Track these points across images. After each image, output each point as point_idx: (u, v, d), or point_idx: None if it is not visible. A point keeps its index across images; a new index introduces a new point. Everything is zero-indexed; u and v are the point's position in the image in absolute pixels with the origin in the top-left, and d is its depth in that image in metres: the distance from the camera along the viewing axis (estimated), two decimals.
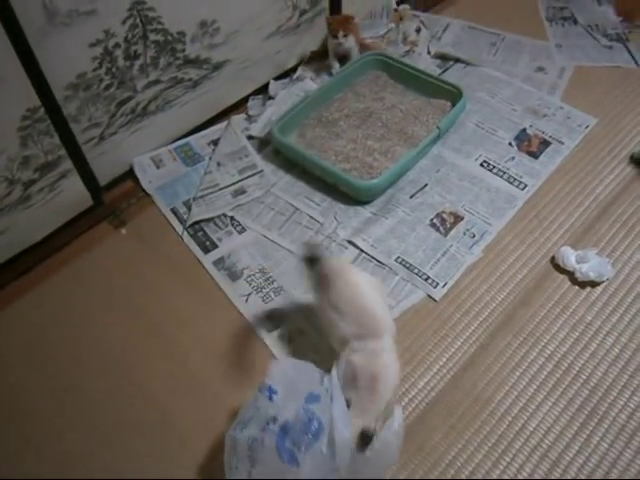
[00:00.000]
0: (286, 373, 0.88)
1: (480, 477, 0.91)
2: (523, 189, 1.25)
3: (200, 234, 1.22)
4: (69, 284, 1.17)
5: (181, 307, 1.12)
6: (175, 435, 0.97)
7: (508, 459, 0.93)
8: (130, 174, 1.31)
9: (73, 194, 1.20)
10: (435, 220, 1.21)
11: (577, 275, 1.11)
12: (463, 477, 0.91)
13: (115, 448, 0.96)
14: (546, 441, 0.94)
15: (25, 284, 1.17)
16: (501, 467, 0.92)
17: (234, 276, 1.15)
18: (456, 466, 0.92)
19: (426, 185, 1.27)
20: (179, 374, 1.04)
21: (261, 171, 1.31)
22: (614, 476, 0.90)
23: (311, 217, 1.23)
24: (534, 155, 1.31)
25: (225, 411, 0.98)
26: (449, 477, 0.91)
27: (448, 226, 1.20)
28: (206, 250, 1.19)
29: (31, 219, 1.15)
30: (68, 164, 1.16)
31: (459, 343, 1.06)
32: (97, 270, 1.18)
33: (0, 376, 1.05)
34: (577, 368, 1.02)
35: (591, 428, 0.95)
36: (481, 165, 1.30)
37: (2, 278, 1.16)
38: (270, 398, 0.85)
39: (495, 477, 0.91)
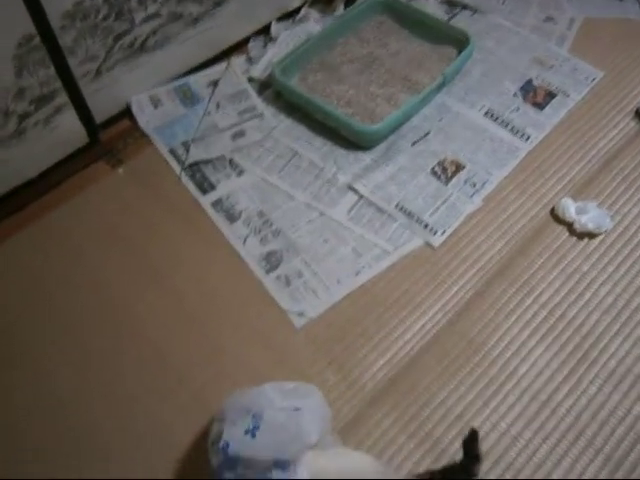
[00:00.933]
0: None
1: (470, 416, 0.93)
2: (526, 140, 1.24)
3: (198, 175, 1.20)
4: (65, 222, 1.15)
5: (178, 247, 1.12)
6: (171, 372, 0.98)
7: (499, 400, 0.95)
8: (127, 113, 1.28)
9: (69, 130, 1.18)
10: (436, 168, 1.20)
11: (576, 226, 1.11)
12: (452, 417, 0.93)
13: (110, 384, 0.97)
14: (536, 384, 0.96)
15: (20, 221, 1.15)
16: (491, 407, 0.94)
17: (232, 218, 1.14)
18: (447, 406, 0.94)
19: (428, 133, 1.25)
20: (175, 313, 1.04)
21: (261, 114, 1.29)
22: (602, 416, 0.93)
23: (311, 161, 1.22)
24: (539, 106, 1.29)
25: (219, 351, 0.99)
26: (439, 416, 0.93)
27: (449, 175, 1.19)
28: (204, 191, 1.18)
29: (26, 154, 1.13)
30: (64, 98, 1.13)
31: (455, 289, 1.07)
32: (93, 209, 1.17)
33: None
34: (570, 316, 1.03)
35: (581, 372, 0.97)
36: (485, 115, 1.28)
37: None
38: (252, 433, 0.78)
39: (485, 417, 0.93)
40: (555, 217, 1.15)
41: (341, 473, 0.80)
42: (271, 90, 1.33)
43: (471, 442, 0.85)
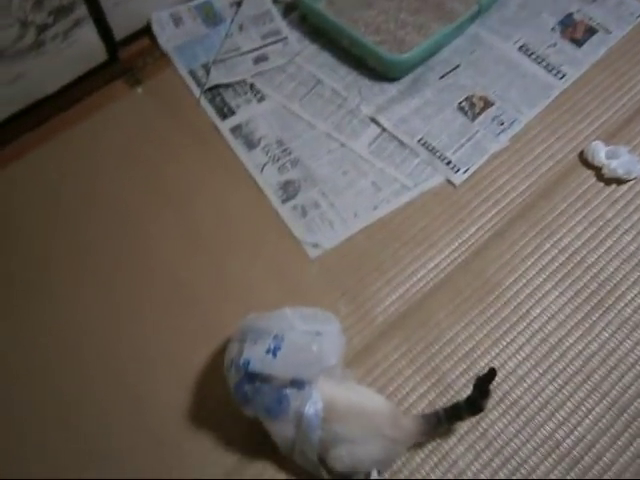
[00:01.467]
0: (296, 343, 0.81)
1: (478, 354, 0.94)
2: (561, 78, 1.18)
3: (218, 99, 1.17)
4: (84, 140, 1.14)
5: (195, 171, 1.11)
6: (182, 293, 0.99)
7: (508, 340, 0.95)
8: (147, 31, 1.24)
9: (87, 45, 1.14)
10: (464, 104, 1.15)
11: (604, 171, 1.07)
12: (461, 354, 0.94)
13: (119, 301, 0.99)
14: (548, 327, 0.96)
15: (40, 136, 1.15)
16: (500, 346, 0.94)
17: (251, 145, 1.12)
18: (456, 342, 0.95)
19: (458, 66, 1.19)
20: (189, 237, 1.04)
21: (285, 38, 1.24)
22: (611, 362, 0.93)
23: (334, 90, 1.18)
24: (577, 43, 1.22)
25: (232, 276, 1.00)
26: (447, 352, 0.94)
27: (477, 111, 1.14)
28: (223, 116, 1.15)
29: (45, 68, 1.11)
30: (83, 10, 1.09)
31: (474, 229, 1.05)
32: (112, 127, 1.16)
33: (13, 227, 1.07)
34: (589, 262, 1.01)
35: (594, 318, 0.96)
36: (519, 49, 1.21)
37: (16, 128, 1.13)
38: (273, 353, 0.79)
39: (493, 355, 0.94)
40: (583, 161, 1.10)
41: (351, 407, 0.82)
42: (296, 13, 1.27)
43: (487, 380, 0.85)
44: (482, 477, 0.85)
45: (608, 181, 1.08)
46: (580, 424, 0.89)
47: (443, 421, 0.85)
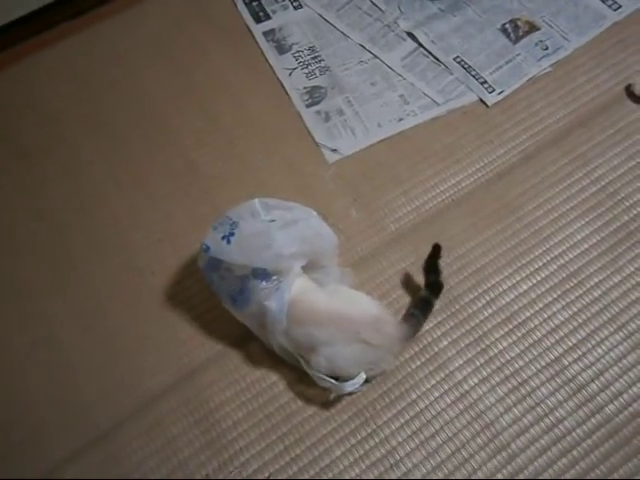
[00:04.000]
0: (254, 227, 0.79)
1: (489, 272, 0.89)
2: (616, 10, 1.11)
3: (255, 3, 1.15)
4: (117, 31, 1.16)
5: (223, 70, 1.10)
6: (197, 184, 0.99)
7: (524, 261, 0.90)
8: None
9: None
10: (507, 25, 1.09)
11: None
12: (471, 270, 0.90)
13: (136, 183, 1.00)
14: (569, 254, 0.90)
15: (75, 26, 1.17)
16: (514, 267, 0.90)
17: (282, 49, 1.10)
18: (468, 258, 0.91)
19: None
20: (210, 131, 1.04)
21: None
22: (633, 297, 0.86)
23: (373, 3, 1.14)
24: None
25: (248, 171, 0.99)
26: (457, 267, 0.90)
27: (520, 34, 1.08)
28: (258, 20, 1.14)
29: None
30: None
31: (502, 151, 1.00)
32: (146, 22, 1.17)
33: (42, 104, 1.09)
34: (623, 194, 0.95)
35: (620, 251, 0.90)
36: None
37: (54, 17, 1.15)
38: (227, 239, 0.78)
39: (508, 274, 0.89)
40: (630, 94, 1.03)
41: (330, 311, 0.79)
42: None
43: (434, 258, 0.85)
44: (479, 392, 0.82)
45: None
46: (590, 352, 0.83)
47: (420, 319, 0.83)
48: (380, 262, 0.91)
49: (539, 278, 0.89)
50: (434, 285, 0.84)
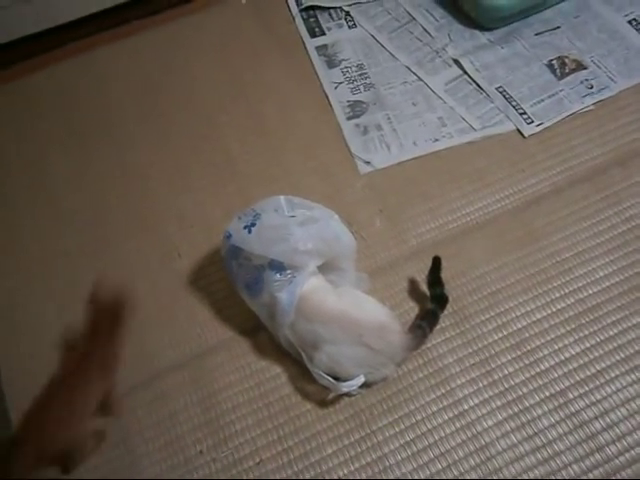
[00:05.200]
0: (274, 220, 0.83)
1: (504, 296, 0.90)
2: None
3: (312, 20, 1.22)
4: (182, 32, 1.24)
5: (274, 77, 1.16)
6: (234, 180, 1.04)
7: (541, 291, 0.90)
8: None
9: None
10: (554, 62, 1.11)
11: None
12: (487, 292, 0.90)
13: (196, 172, 1.06)
14: (589, 289, 0.90)
15: (146, 24, 1.26)
16: (531, 295, 0.90)
17: (332, 64, 1.15)
18: (485, 280, 0.91)
19: (558, 27, 1.15)
20: (253, 131, 1.10)
21: None
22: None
23: (425, 29, 1.18)
24: None
25: (284, 172, 1.04)
26: (473, 287, 0.90)
27: (566, 71, 1.10)
28: (313, 35, 1.20)
29: None
30: None
31: (533, 181, 1.00)
32: (209, 26, 1.25)
33: (105, 91, 1.18)
34: None
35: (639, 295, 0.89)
36: (629, 22, 1.15)
37: (128, 14, 1.25)
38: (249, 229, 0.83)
39: (523, 300, 0.89)
40: None
41: (338, 311, 0.81)
42: None
43: (436, 270, 0.87)
44: (479, 413, 0.81)
45: None
46: (598, 390, 0.82)
47: (426, 331, 0.84)
48: (397, 273, 0.93)
49: (554, 309, 0.89)
50: (439, 298, 0.86)
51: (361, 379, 0.80)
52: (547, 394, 0.82)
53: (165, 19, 1.25)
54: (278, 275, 0.81)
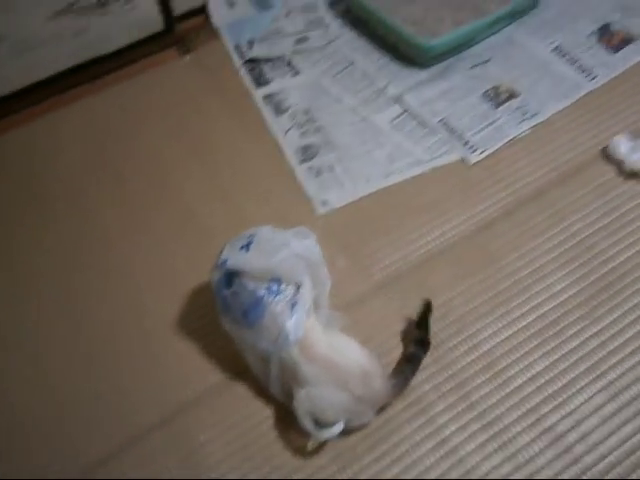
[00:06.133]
0: (271, 242, 0.85)
1: (471, 319, 0.92)
2: (592, 80, 1.19)
3: (257, 70, 1.26)
4: (130, 94, 1.26)
5: (225, 130, 1.18)
6: (196, 230, 1.05)
7: (504, 310, 0.93)
8: (203, 10, 1.36)
9: (147, 13, 1.27)
10: (490, 92, 1.18)
11: (625, 164, 1.05)
12: (453, 317, 0.93)
13: (145, 228, 1.06)
14: (547, 304, 0.93)
15: (93, 88, 1.27)
16: (495, 315, 0.92)
17: (279, 111, 1.19)
18: (450, 306, 0.94)
19: (489, 60, 1.23)
20: (210, 183, 1.11)
21: (327, 25, 1.32)
22: (612, 347, 0.88)
23: (365, 71, 1.24)
24: (613, 49, 1.23)
25: (243, 220, 1.03)
26: (440, 314, 0.93)
27: (501, 100, 1.16)
28: (259, 84, 1.23)
29: (106, 27, 1.23)
30: None
31: (483, 206, 1.05)
32: (156, 87, 1.27)
33: (57, 156, 1.18)
34: (600, 248, 0.98)
35: (598, 302, 0.93)
36: (553, 50, 1.23)
37: (75, 79, 1.26)
38: (247, 247, 0.84)
39: (489, 321, 0.92)
40: (605, 156, 1.09)
41: (327, 355, 0.81)
42: (342, 6, 1.35)
43: (425, 315, 0.89)
44: (460, 438, 0.83)
45: (628, 176, 1.06)
46: (568, 401, 0.85)
47: (409, 375, 0.85)
48: (365, 307, 0.95)
49: (519, 326, 0.92)
50: (422, 342, 0.87)
51: (341, 426, 0.80)
52: (522, 411, 0.84)
53: (108, 83, 1.27)
54: (279, 297, 0.81)
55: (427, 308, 0.89)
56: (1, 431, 0.88)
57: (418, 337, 0.88)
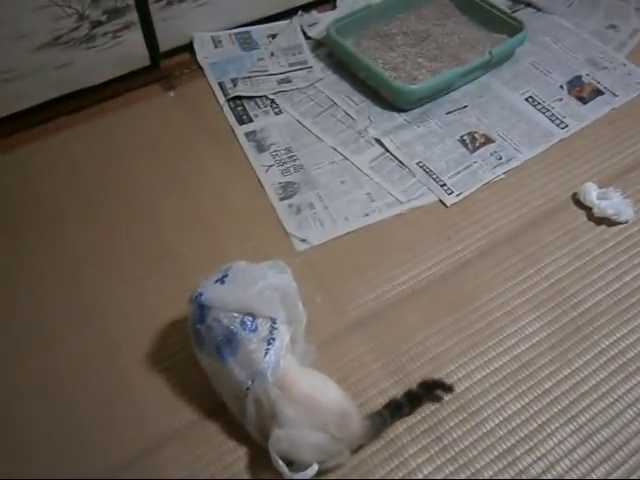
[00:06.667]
0: (247, 274, 0.85)
1: (446, 359, 0.93)
2: (563, 128, 1.24)
3: (240, 108, 1.28)
4: (114, 128, 1.25)
5: (207, 165, 1.19)
6: (174, 265, 1.04)
7: (478, 351, 0.94)
8: (189, 47, 1.39)
9: (133, 48, 1.29)
10: (466, 137, 1.21)
11: (595, 210, 1.09)
12: (428, 357, 0.93)
13: (120, 264, 1.05)
14: (521, 346, 0.95)
15: (75, 120, 1.27)
16: (469, 356, 0.93)
17: (261, 148, 1.21)
18: (425, 346, 0.94)
19: (466, 106, 1.27)
20: (190, 218, 1.10)
21: (310, 67, 1.36)
22: (583, 390, 0.90)
23: (346, 113, 1.27)
24: (583, 100, 1.29)
25: (222, 255, 1.02)
26: (414, 353, 0.93)
27: (477, 145, 1.20)
28: (242, 122, 1.25)
29: (91, 61, 1.25)
30: (134, 16, 1.24)
31: (459, 247, 1.07)
32: (140, 121, 1.27)
33: (32, 186, 1.16)
34: (571, 291, 1.01)
35: (570, 344, 0.95)
36: (526, 100, 1.29)
37: (57, 110, 1.26)
38: (222, 281, 0.84)
39: (463, 362, 0.93)
40: (576, 201, 1.13)
41: (305, 395, 0.80)
42: (325, 49, 1.40)
43: (437, 386, 0.88)
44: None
45: (598, 221, 1.10)
46: (541, 443, 0.85)
47: (387, 420, 0.85)
48: (341, 345, 0.95)
49: (492, 368, 0.93)
50: (414, 398, 0.86)
51: (315, 468, 0.79)
52: (495, 454, 0.84)
53: (90, 116, 1.27)
54: (252, 334, 0.80)
55: (442, 386, 0.88)
56: None
57: (413, 392, 0.87)
